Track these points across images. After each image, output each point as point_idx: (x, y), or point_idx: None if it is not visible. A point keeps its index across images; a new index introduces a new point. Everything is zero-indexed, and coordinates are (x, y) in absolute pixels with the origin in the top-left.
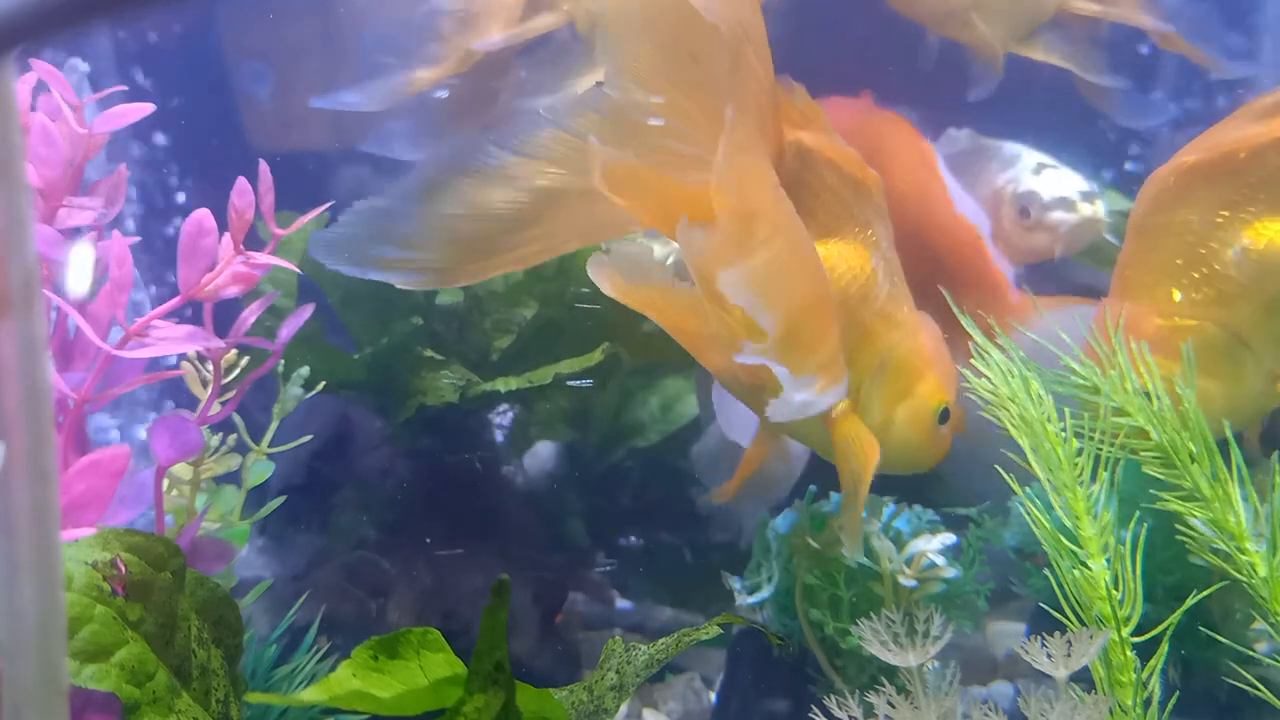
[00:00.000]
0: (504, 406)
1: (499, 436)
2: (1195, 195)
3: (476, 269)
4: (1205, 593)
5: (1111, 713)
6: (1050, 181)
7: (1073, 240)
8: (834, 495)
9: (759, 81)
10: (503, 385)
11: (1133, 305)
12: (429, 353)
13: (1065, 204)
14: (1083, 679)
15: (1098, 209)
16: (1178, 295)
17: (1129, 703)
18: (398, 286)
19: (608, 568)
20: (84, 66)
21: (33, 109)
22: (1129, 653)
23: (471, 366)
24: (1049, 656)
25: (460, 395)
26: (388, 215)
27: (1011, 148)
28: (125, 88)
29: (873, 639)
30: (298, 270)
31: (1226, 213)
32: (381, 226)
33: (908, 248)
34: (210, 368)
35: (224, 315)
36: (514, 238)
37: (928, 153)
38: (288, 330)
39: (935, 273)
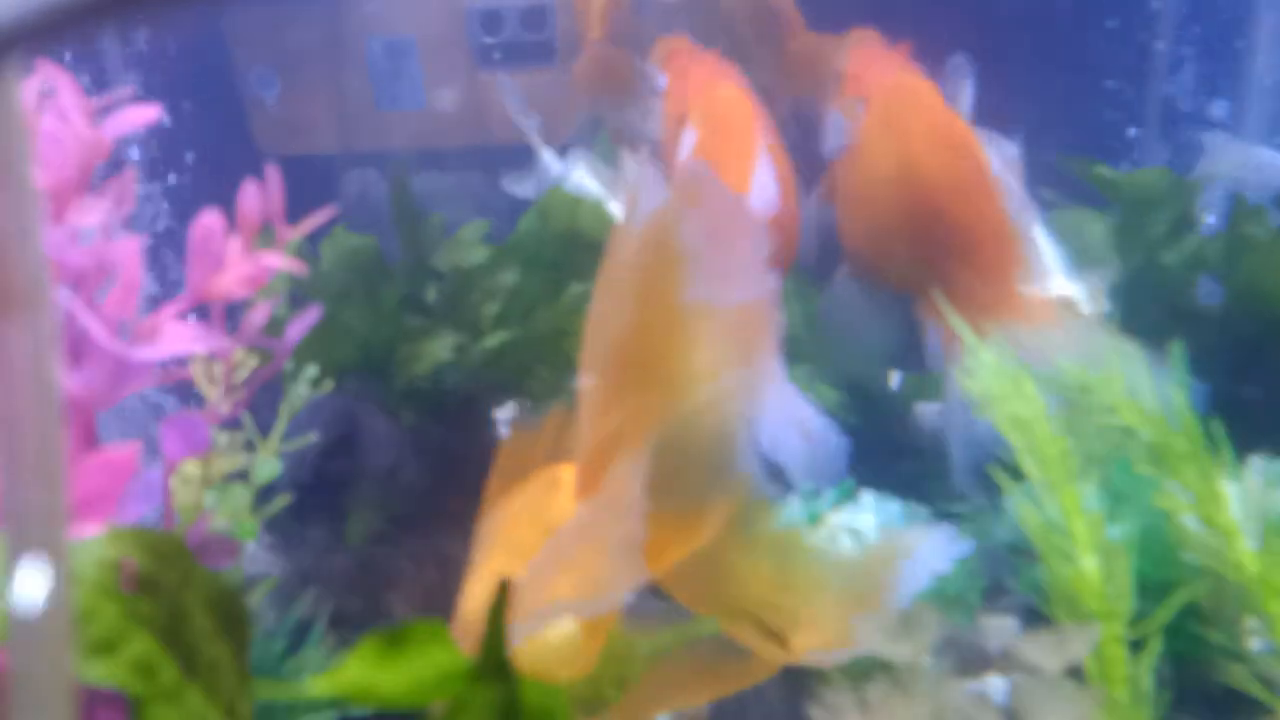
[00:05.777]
0: (507, 404)
1: (501, 434)
2: None
3: None
4: (1197, 589)
5: (1104, 707)
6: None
7: None
8: (831, 493)
9: None
10: (491, 340)
11: None
12: (418, 319)
13: None
14: (1078, 675)
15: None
16: None
17: (1120, 697)
18: None
19: None
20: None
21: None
22: (1121, 647)
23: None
24: (1040, 651)
25: (453, 354)
26: None
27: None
28: (134, 88)
29: (867, 632)
30: (299, 273)
31: None
32: None
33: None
34: (218, 367)
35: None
36: None
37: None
38: (296, 331)
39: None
